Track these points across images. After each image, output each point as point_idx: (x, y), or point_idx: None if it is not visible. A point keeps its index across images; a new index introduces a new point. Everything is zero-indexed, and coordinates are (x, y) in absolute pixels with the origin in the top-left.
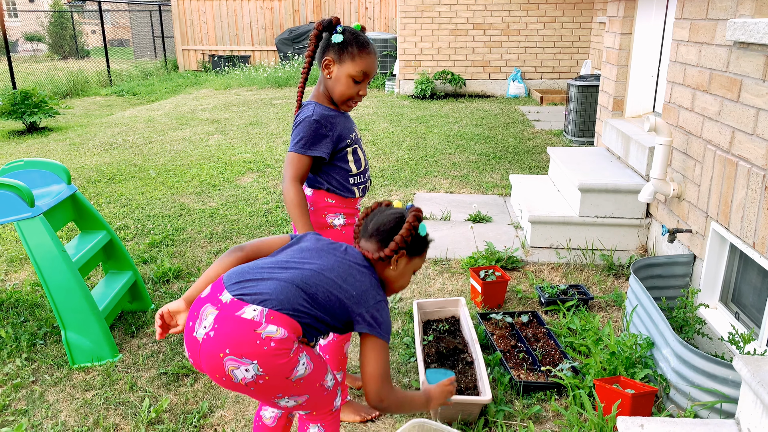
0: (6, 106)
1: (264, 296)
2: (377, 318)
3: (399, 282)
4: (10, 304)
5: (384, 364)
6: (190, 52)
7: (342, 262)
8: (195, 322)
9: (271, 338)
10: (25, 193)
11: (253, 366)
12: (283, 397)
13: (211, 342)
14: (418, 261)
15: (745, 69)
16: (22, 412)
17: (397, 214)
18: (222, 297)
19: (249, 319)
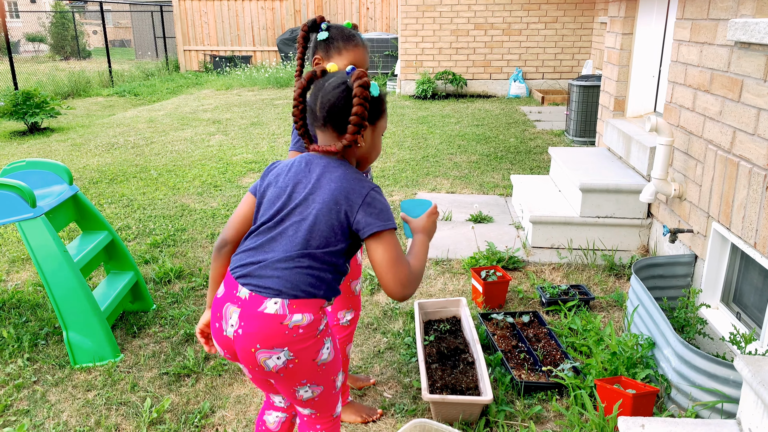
0: (8, 107)
1: (279, 287)
2: (372, 213)
3: (372, 153)
4: (11, 304)
5: (394, 250)
6: (192, 53)
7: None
8: (221, 322)
9: (299, 326)
10: (27, 193)
11: (284, 352)
12: (306, 384)
13: (241, 339)
14: (382, 123)
15: (746, 69)
16: (24, 412)
17: (342, 86)
18: (240, 294)
19: (273, 314)
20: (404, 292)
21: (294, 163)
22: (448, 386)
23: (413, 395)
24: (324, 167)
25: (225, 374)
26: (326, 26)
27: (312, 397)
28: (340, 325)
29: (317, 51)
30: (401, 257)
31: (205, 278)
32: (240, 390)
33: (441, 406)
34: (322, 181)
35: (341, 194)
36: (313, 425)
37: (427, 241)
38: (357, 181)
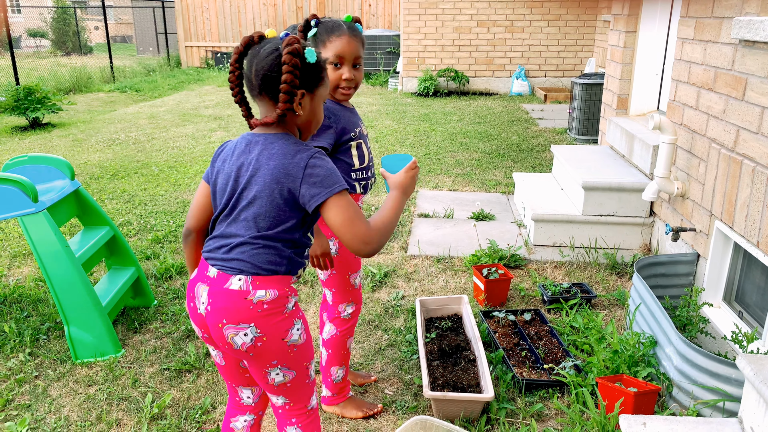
0: (9, 102)
1: (240, 267)
2: (315, 183)
3: (314, 121)
4: (13, 299)
5: (346, 211)
6: (193, 49)
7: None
8: (194, 301)
9: (263, 301)
10: (29, 188)
11: (251, 329)
12: (277, 365)
13: (211, 315)
14: (322, 90)
15: (750, 67)
16: (26, 406)
17: (274, 53)
18: (209, 273)
19: (237, 290)
20: (366, 249)
21: (236, 144)
22: (449, 383)
23: (414, 392)
24: (262, 145)
25: None
26: (314, 23)
27: (284, 381)
28: (341, 318)
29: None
30: (355, 216)
31: None
32: None
33: (442, 403)
34: (261, 161)
35: (281, 172)
36: (288, 418)
37: (400, 197)
38: (295, 154)
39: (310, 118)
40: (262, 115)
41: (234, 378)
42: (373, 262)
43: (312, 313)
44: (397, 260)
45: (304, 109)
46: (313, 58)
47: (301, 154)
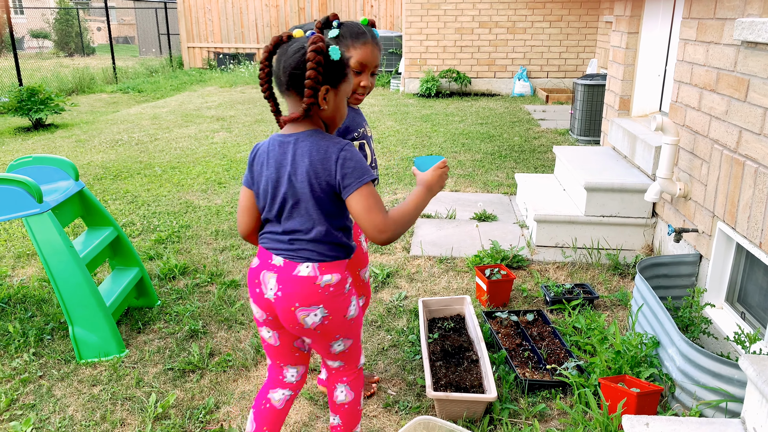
0: (12, 103)
1: (307, 254)
2: (346, 174)
3: (338, 116)
4: (17, 299)
5: (367, 200)
6: (196, 50)
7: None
8: (260, 287)
9: (330, 285)
10: (34, 188)
11: (320, 309)
12: (339, 338)
13: (281, 300)
14: (345, 86)
15: (752, 68)
16: (30, 406)
17: (300, 51)
18: (274, 262)
19: (306, 276)
20: (381, 237)
21: (269, 148)
22: (452, 384)
23: (417, 392)
24: (294, 145)
25: (230, 370)
26: (337, 23)
27: (344, 350)
28: None
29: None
30: (375, 205)
31: (209, 274)
32: (244, 386)
33: (445, 404)
34: (296, 161)
35: (316, 168)
36: (340, 377)
37: (423, 192)
38: (326, 149)
39: (335, 113)
40: (290, 110)
41: (284, 358)
42: (375, 263)
43: None
44: (400, 261)
45: (329, 103)
46: (337, 56)
47: (332, 149)
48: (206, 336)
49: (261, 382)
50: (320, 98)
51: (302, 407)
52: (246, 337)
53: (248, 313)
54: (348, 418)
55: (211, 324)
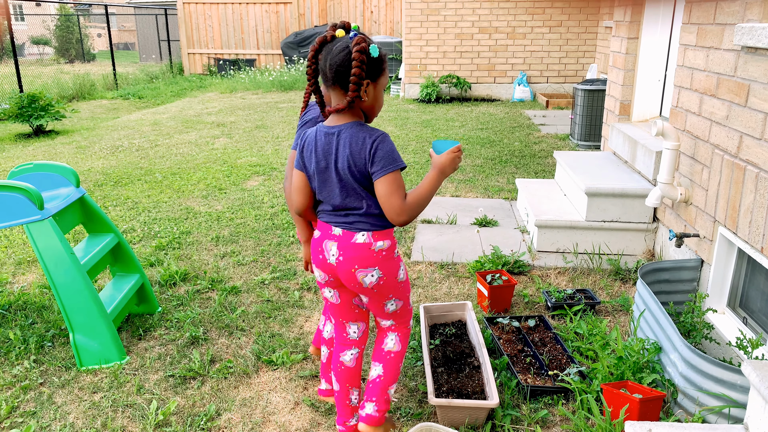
0: (13, 110)
1: (362, 225)
2: (376, 162)
3: (376, 106)
4: (18, 306)
5: (390, 186)
6: (196, 56)
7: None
8: (323, 254)
9: (382, 249)
10: (35, 195)
11: (375, 270)
12: (392, 297)
13: (343, 264)
14: (383, 80)
15: (753, 74)
16: (31, 413)
17: (345, 50)
18: (334, 232)
19: (363, 243)
20: (399, 219)
21: (317, 137)
22: (453, 390)
23: (419, 399)
24: (338, 136)
25: (231, 377)
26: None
27: (396, 309)
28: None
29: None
30: (395, 191)
31: (210, 281)
32: (246, 393)
33: (447, 410)
34: (339, 150)
35: (355, 157)
36: (391, 330)
37: (436, 175)
38: (361, 140)
39: (374, 103)
40: (334, 102)
41: (346, 314)
42: None
43: (315, 320)
44: None
45: (369, 95)
46: (376, 53)
47: (368, 140)
48: (207, 342)
49: (262, 388)
50: (362, 91)
51: (303, 414)
52: (247, 343)
53: (249, 319)
54: (391, 369)
55: (211, 330)
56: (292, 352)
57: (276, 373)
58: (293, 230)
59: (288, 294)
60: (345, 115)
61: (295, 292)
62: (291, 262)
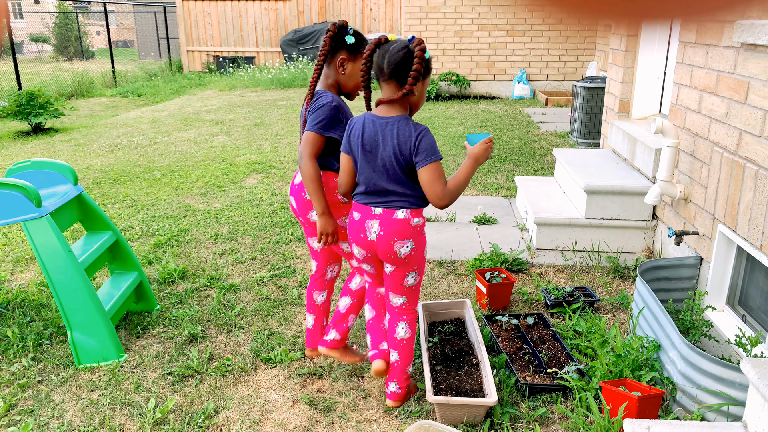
0: (11, 107)
1: (402, 204)
2: (420, 153)
3: (420, 102)
4: (16, 304)
5: (432, 175)
6: (195, 53)
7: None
8: (364, 233)
9: (418, 225)
10: (32, 193)
11: (410, 242)
12: (415, 270)
13: (384, 237)
14: (428, 80)
15: (752, 71)
16: (29, 411)
17: (404, 49)
18: (375, 211)
19: (402, 218)
20: (440, 203)
21: (363, 126)
22: (452, 388)
23: (417, 397)
24: (385, 127)
25: (229, 375)
26: (353, 32)
27: (413, 284)
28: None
29: (343, 51)
30: (438, 179)
31: (208, 278)
32: (244, 391)
33: (445, 408)
34: (386, 139)
35: (401, 147)
36: (401, 316)
37: (471, 164)
38: (407, 133)
39: (419, 99)
40: (385, 95)
41: (379, 282)
42: None
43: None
44: None
45: (418, 91)
46: (428, 56)
47: (413, 133)
48: (205, 340)
49: (261, 386)
50: (416, 87)
51: (302, 411)
52: (245, 341)
53: (247, 317)
54: (405, 353)
55: (210, 328)
56: (291, 350)
57: (274, 371)
58: (292, 228)
59: (286, 292)
60: (395, 108)
61: (293, 289)
62: (290, 259)
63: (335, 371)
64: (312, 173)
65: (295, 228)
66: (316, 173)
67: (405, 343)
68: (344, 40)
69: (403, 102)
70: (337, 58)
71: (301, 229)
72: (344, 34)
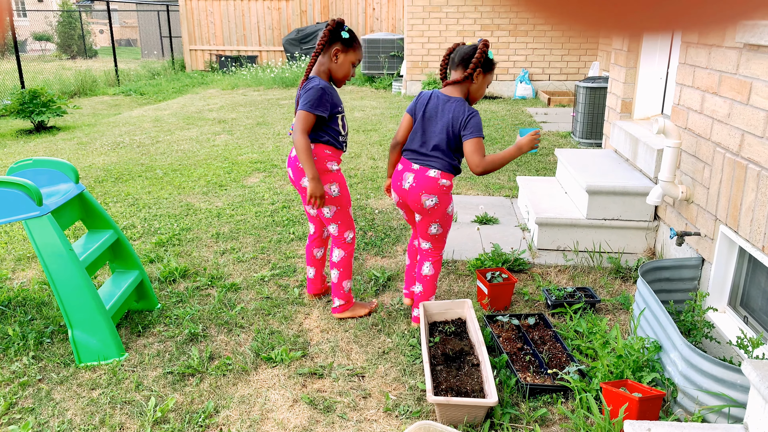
0: (14, 105)
1: (436, 164)
2: (467, 128)
3: (479, 93)
4: (17, 302)
5: (473, 146)
6: (198, 52)
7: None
8: (401, 181)
9: (444, 185)
10: (34, 191)
11: (434, 198)
12: (437, 222)
13: (415, 188)
14: (489, 76)
15: (755, 71)
16: (29, 410)
17: (472, 46)
18: (414, 167)
19: (433, 176)
20: (477, 170)
21: (429, 98)
22: (452, 388)
23: (418, 397)
24: (445, 101)
25: (229, 374)
26: (347, 28)
27: (436, 234)
28: (347, 243)
29: (337, 43)
30: (478, 150)
31: (209, 277)
32: (244, 390)
33: (446, 408)
34: (444, 112)
35: (453, 121)
36: (428, 257)
37: (514, 149)
38: (461, 111)
39: (477, 90)
40: (453, 77)
41: (411, 224)
42: (376, 266)
43: (314, 317)
44: (401, 264)
45: (477, 80)
46: (491, 56)
47: (466, 112)
48: (206, 339)
49: (261, 386)
50: (475, 75)
51: (302, 411)
52: (246, 340)
53: (248, 316)
54: (428, 287)
55: (211, 327)
56: (291, 350)
57: (275, 371)
58: (293, 227)
59: (287, 291)
60: (457, 90)
61: (294, 289)
62: (291, 259)
63: (335, 371)
64: (303, 145)
65: (297, 227)
66: (307, 145)
67: (428, 278)
68: (340, 35)
69: (464, 87)
70: (332, 48)
71: (302, 228)
72: (341, 30)
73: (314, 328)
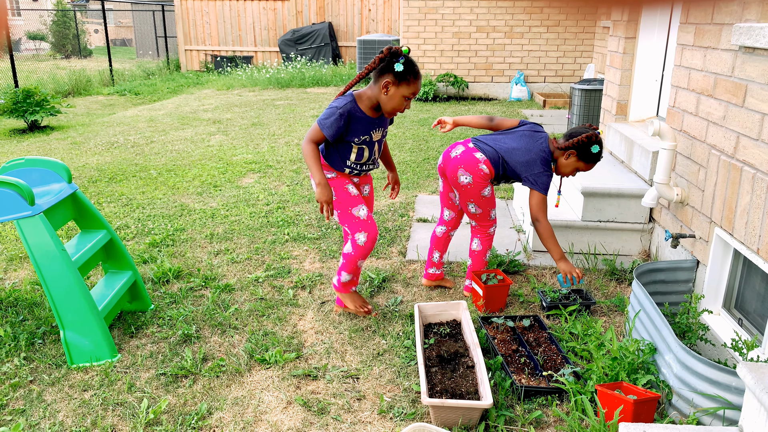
0: (8, 105)
1: (487, 153)
2: (536, 181)
3: (563, 171)
4: (9, 302)
5: (538, 200)
6: (193, 52)
7: (528, 145)
8: (450, 150)
9: (483, 171)
10: (26, 191)
11: (469, 176)
12: (473, 202)
13: (457, 160)
14: (583, 165)
15: (750, 74)
16: (20, 411)
17: (588, 129)
18: (470, 145)
19: (476, 158)
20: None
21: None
22: (447, 390)
23: (412, 399)
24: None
25: (223, 376)
26: (403, 60)
27: (475, 213)
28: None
29: (388, 75)
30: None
31: (203, 278)
32: (237, 392)
33: (440, 410)
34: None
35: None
36: (476, 234)
37: (560, 257)
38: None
39: (564, 167)
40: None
41: (443, 201)
42: (371, 267)
43: (308, 318)
44: (396, 265)
45: (568, 161)
46: (596, 150)
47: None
48: (199, 341)
49: (255, 387)
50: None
51: (296, 413)
52: (240, 342)
53: (242, 317)
54: (476, 261)
55: (204, 329)
56: (285, 351)
57: (268, 372)
58: (288, 228)
59: (282, 292)
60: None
61: (288, 290)
62: (285, 260)
63: (330, 372)
64: (307, 152)
65: (291, 228)
66: (311, 152)
67: (477, 253)
68: (393, 67)
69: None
70: (382, 79)
71: (297, 229)
72: (395, 60)
73: (308, 329)
